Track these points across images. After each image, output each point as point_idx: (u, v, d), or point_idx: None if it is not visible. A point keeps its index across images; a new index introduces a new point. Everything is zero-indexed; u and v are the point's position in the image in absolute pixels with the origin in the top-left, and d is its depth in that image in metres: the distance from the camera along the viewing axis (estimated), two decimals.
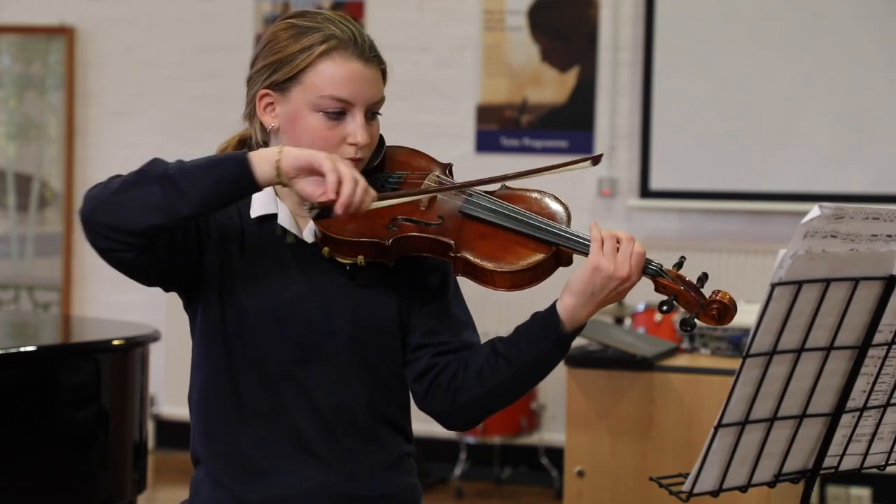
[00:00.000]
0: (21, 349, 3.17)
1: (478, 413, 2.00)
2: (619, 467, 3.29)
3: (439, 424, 2.04)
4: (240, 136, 2.11)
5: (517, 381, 1.95)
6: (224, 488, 1.96)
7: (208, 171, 1.79)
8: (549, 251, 1.91)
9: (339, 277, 1.97)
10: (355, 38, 1.95)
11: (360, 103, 1.95)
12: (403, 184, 2.02)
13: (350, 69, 1.94)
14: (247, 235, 1.98)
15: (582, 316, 1.89)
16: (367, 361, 1.98)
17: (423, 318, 2.01)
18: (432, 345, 1.99)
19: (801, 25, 5.47)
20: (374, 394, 1.98)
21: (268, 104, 1.99)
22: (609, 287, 1.86)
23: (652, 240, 5.61)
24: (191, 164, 1.81)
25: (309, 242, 1.98)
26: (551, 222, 1.93)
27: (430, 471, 5.63)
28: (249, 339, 1.94)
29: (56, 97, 6.36)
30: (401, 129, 6.19)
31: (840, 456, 1.92)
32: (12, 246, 6.46)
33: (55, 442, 3.04)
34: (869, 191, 5.36)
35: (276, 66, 1.96)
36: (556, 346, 1.91)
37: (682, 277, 1.89)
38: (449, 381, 1.96)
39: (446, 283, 2.04)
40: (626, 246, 1.86)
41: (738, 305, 1.90)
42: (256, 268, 1.97)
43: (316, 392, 1.94)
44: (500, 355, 1.93)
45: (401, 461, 2.03)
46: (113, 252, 1.81)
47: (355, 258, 1.94)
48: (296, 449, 1.95)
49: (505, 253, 1.91)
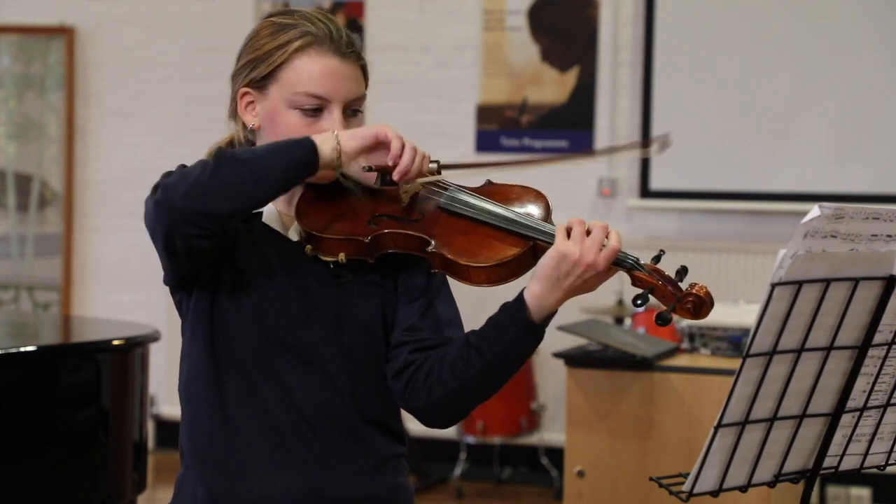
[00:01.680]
0: (21, 349, 3.17)
1: (455, 407, 1.96)
2: (619, 467, 3.29)
3: (419, 421, 2.01)
4: (230, 138, 2.11)
5: (489, 373, 1.91)
6: (205, 486, 1.96)
7: (279, 157, 1.84)
8: (525, 246, 1.89)
9: (324, 276, 1.96)
10: (332, 34, 1.95)
11: (336, 100, 1.95)
12: None
13: (325, 65, 1.94)
14: (240, 233, 1.98)
15: (549, 303, 1.85)
16: (351, 360, 1.97)
17: (406, 316, 1.99)
18: (412, 342, 1.97)
19: (801, 25, 5.47)
20: (358, 393, 1.97)
21: (248, 102, 1.99)
22: (575, 273, 1.82)
23: (652, 240, 5.62)
24: (260, 149, 1.87)
25: (294, 241, 1.99)
26: (530, 217, 1.93)
27: (430, 471, 5.63)
28: (232, 337, 1.94)
29: (56, 97, 6.36)
30: (401, 129, 6.21)
31: (840, 456, 1.92)
32: (12, 246, 6.46)
33: (55, 442, 3.04)
34: (869, 191, 5.36)
35: (255, 63, 1.97)
36: (524, 334, 1.87)
37: (660, 271, 1.86)
38: (425, 377, 1.94)
39: (431, 282, 2.02)
40: (597, 233, 1.83)
41: (714, 300, 1.85)
42: (242, 266, 1.96)
43: (298, 390, 1.94)
44: (472, 347, 1.90)
45: (387, 462, 2.01)
46: (193, 238, 1.83)
47: (337, 256, 1.93)
48: (277, 448, 1.94)
49: (481, 248, 1.90)
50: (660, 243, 5.49)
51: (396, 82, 5.86)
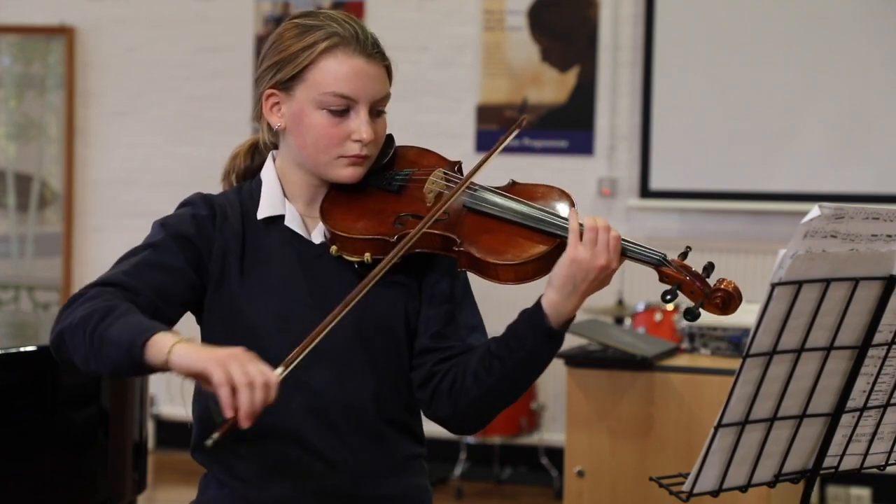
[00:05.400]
0: (21, 349, 3.17)
1: (481, 415, 1.99)
2: (619, 467, 3.29)
3: (447, 430, 2.04)
4: (252, 141, 2.11)
5: (512, 380, 1.93)
6: (229, 487, 1.96)
7: (113, 348, 1.74)
8: (552, 244, 1.90)
9: (347, 277, 1.96)
10: (357, 34, 1.96)
11: (363, 100, 1.95)
12: (410, 181, 2.02)
13: (352, 65, 1.94)
14: (248, 241, 1.98)
15: (568, 308, 1.88)
16: (374, 361, 1.97)
17: (431, 322, 2.00)
18: (438, 349, 1.99)
19: (801, 25, 5.47)
20: (381, 394, 1.98)
21: (274, 104, 1.99)
22: (590, 277, 1.85)
23: (652, 240, 5.60)
24: (118, 325, 1.75)
25: (316, 244, 1.99)
26: (556, 215, 1.93)
27: (430, 471, 5.62)
28: (254, 342, 1.94)
29: (56, 97, 6.36)
30: (401, 130, 6.18)
31: (840, 456, 1.92)
32: (12, 246, 6.46)
33: (55, 442, 3.04)
34: (869, 191, 5.36)
35: (281, 64, 1.96)
36: (543, 341, 1.89)
37: (688, 267, 1.88)
38: (450, 388, 1.96)
39: (455, 287, 2.03)
40: (603, 235, 1.85)
41: (743, 296, 1.88)
42: (259, 271, 1.97)
43: (321, 392, 1.94)
44: (494, 355, 1.92)
45: (408, 462, 2.03)
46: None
47: (362, 255, 1.94)
48: (301, 449, 1.94)
49: (509, 246, 1.91)
50: (660, 243, 5.47)
51: (396, 82, 5.80)
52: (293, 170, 2.02)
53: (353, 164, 1.97)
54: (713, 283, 1.87)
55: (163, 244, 1.93)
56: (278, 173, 2.03)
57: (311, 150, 1.96)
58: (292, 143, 1.99)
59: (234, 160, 2.12)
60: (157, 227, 1.97)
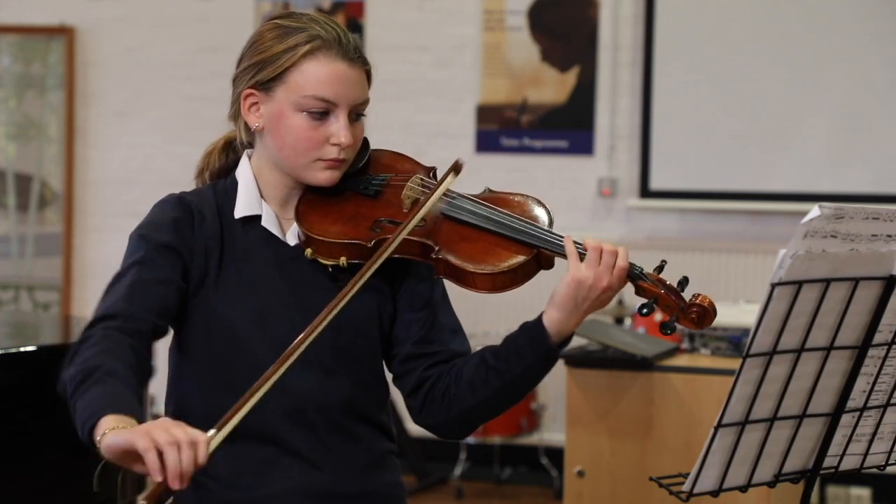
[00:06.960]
0: (21, 349, 3.17)
1: (472, 422, 2.02)
2: (619, 467, 3.29)
3: (435, 436, 2.05)
4: (225, 139, 2.11)
5: (508, 392, 1.96)
6: (205, 488, 1.96)
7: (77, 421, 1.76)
8: (530, 253, 1.91)
9: (322, 279, 1.97)
10: (339, 38, 1.96)
11: (343, 104, 1.95)
12: (387, 186, 2.02)
13: (334, 69, 1.94)
14: (226, 239, 1.98)
15: (569, 327, 1.91)
16: (348, 361, 1.99)
17: (412, 327, 2.02)
18: (425, 355, 2.00)
19: (801, 25, 5.47)
20: (355, 393, 2.00)
21: (252, 104, 1.99)
22: (592, 297, 1.88)
23: (652, 240, 5.62)
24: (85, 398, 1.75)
25: (292, 245, 1.99)
26: (533, 225, 1.93)
27: (430, 471, 5.63)
28: (232, 340, 1.94)
29: (56, 97, 6.36)
30: (401, 129, 6.23)
31: (840, 456, 1.92)
32: (12, 246, 6.46)
33: (55, 442, 3.03)
34: (869, 191, 5.36)
35: (261, 65, 1.96)
36: (544, 358, 1.92)
37: (663, 281, 1.90)
38: (442, 395, 1.98)
39: (434, 291, 2.04)
40: (608, 258, 1.88)
41: (717, 309, 1.89)
42: (237, 270, 1.97)
43: (297, 392, 1.95)
44: (491, 368, 1.94)
45: (383, 459, 2.05)
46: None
47: (338, 259, 1.94)
48: (279, 449, 1.95)
49: (486, 255, 1.91)
50: (660, 243, 5.50)
51: (396, 82, 5.86)
52: (269, 170, 2.02)
53: (330, 167, 1.97)
54: (688, 298, 1.88)
55: (148, 259, 1.91)
56: (254, 173, 2.03)
57: (289, 151, 1.96)
58: (270, 144, 1.99)
59: (207, 158, 2.11)
60: (135, 240, 1.95)
